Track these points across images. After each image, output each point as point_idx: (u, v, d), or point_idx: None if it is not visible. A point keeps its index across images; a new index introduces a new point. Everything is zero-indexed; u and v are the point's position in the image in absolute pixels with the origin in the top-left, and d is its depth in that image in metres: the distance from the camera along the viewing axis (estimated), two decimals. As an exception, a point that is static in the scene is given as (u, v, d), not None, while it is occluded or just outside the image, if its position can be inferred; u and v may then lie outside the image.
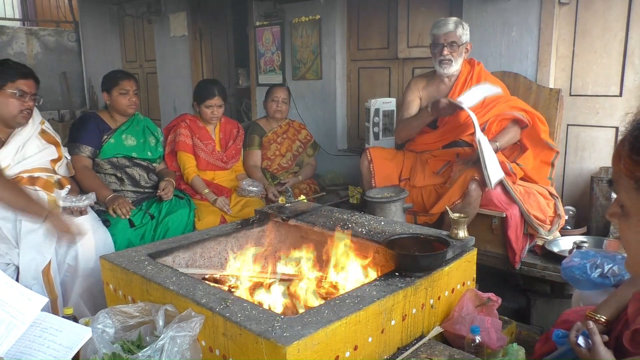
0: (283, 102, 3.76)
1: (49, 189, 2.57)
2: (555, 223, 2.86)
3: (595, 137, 3.20)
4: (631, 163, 0.88)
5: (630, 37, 2.99)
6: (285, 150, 3.80)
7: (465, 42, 2.95)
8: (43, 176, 2.59)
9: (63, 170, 2.78)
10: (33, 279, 2.42)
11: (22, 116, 2.54)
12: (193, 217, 3.06)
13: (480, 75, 3.00)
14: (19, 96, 2.50)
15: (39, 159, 2.62)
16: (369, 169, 3.06)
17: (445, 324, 1.94)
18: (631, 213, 0.92)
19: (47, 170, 2.64)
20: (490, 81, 2.98)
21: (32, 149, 2.62)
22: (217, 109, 3.39)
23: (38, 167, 2.60)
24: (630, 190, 0.90)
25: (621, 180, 0.92)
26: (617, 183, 0.94)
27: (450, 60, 2.93)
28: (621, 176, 0.91)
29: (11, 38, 7.54)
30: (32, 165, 2.58)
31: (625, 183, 0.91)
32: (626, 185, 0.90)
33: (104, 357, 1.51)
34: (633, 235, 0.93)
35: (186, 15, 5.74)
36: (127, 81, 3.08)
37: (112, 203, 2.82)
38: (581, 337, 1.41)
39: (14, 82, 2.49)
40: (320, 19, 4.47)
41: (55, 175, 2.67)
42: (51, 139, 2.75)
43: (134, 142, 3.11)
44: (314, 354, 1.46)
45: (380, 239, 2.11)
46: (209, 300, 1.68)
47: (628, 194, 0.90)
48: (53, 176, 2.65)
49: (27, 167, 2.56)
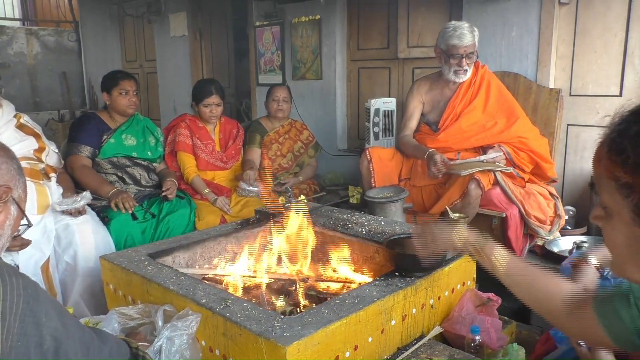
0: (284, 101, 3.75)
1: (36, 177, 2.54)
2: (555, 223, 2.86)
3: (595, 137, 3.11)
4: (610, 164, 0.90)
5: (630, 37, 2.99)
6: (287, 151, 3.80)
7: (477, 48, 2.94)
8: (27, 166, 2.54)
9: (53, 161, 2.75)
10: (32, 276, 2.41)
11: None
12: (194, 217, 3.07)
13: (483, 78, 2.97)
14: None
15: (19, 149, 2.56)
16: (369, 169, 3.06)
17: (445, 324, 1.95)
18: (614, 214, 0.93)
19: (29, 159, 2.60)
20: (494, 83, 2.96)
21: (8, 140, 2.53)
22: (216, 108, 3.39)
23: (20, 157, 2.57)
24: (612, 191, 0.91)
25: (602, 182, 0.93)
26: (598, 185, 0.95)
27: (466, 70, 2.93)
28: (602, 178, 0.93)
29: (11, 38, 7.54)
30: None
31: (606, 184, 0.92)
32: (607, 187, 0.92)
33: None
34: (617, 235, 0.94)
35: (186, 15, 5.74)
36: (127, 81, 3.08)
37: (115, 197, 2.82)
38: None
39: None
40: (320, 19, 4.47)
41: (39, 164, 2.64)
42: (30, 131, 2.70)
43: (134, 142, 3.11)
44: (314, 354, 1.46)
45: (380, 239, 2.11)
46: (209, 300, 1.68)
47: (610, 195, 0.92)
48: (38, 164, 2.62)
49: None
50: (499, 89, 3.00)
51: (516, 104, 2.99)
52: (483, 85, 2.97)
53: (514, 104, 2.98)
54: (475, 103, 2.96)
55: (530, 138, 2.89)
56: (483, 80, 2.98)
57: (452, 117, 2.99)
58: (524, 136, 2.88)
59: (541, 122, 3.14)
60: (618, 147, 0.88)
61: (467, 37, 2.86)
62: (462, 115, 2.97)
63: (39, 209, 2.49)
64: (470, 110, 2.95)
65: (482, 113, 2.95)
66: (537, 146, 2.89)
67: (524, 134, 2.89)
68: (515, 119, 2.90)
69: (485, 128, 2.91)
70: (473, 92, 2.98)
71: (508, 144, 2.88)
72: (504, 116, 2.92)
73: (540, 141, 2.94)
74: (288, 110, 3.82)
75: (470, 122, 2.94)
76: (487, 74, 3.02)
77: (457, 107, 2.99)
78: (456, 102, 2.99)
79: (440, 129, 3.04)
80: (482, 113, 2.95)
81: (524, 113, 2.99)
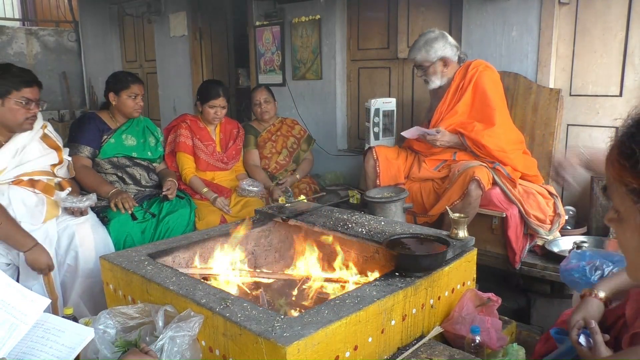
0: (265, 102, 3.76)
1: (49, 192, 2.57)
2: (555, 222, 2.86)
3: (595, 137, 3.20)
4: (620, 168, 0.89)
5: (630, 37, 2.99)
6: (281, 147, 3.80)
7: (435, 60, 2.98)
8: (43, 179, 2.58)
9: (63, 172, 2.77)
10: (33, 279, 2.42)
11: (28, 123, 2.52)
12: (194, 217, 3.07)
13: (470, 80, 2.94)
14: (25, 104, 2.47)
15: (40, 163, 2.61)
16: (375, 168, 3.06)
17: (445, 324, 1.95)
18: (625, 218, 0.92)
19: (47, 174, 2.63)
20: (486, 81, 2.92)
21: (33, 153, 2.59)
22: (221, 110, 3.41)
23: (39, 171, 2.59)
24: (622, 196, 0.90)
25: (613, 186, 0.92)
26: (610, 189, 0.95)
27: (426, 80, 3.07)
28: (613, 182, 0.92)
29: (11, 38, 7.54)
30: (32, 168, 2.56)
31: (617, 188, 0.91)
32: (618, 191, 0.91)
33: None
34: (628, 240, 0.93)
35: (186, 15, 5.74)
36: (138, 85, 3.08)
37: (115, 197, 2.82)
38: (582, 336, 1.41)
39: (19, 90, 2.45)
40: (320, 19, 4.47)
41: (55, 178, 2.67)
42: (53, 144, 2.72)
43: (134, 142, 3.11)
44: (314, 354, 1.46)
45: (380, 239, 2.11)
46: (209, 300, 1.68)
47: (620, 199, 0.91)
48: (53, 179, 2.65)
49: (26, 170, 2.54)
50: (484, 92, 2.91)
51: (498, 111, 2.89)
52: (469, 89, 2.95)
53: (495, 111, 2.88)
54: (457, 107, 2.97)
55: (492, 148, 2.80)
56: (470, 82, 2.95)
57: (438, 121, 3.02)
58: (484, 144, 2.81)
59: (541, 122, 3.14)
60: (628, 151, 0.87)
61: (412, 52, 3.06)
62: (444, 119, 2.99)
63: (45, 219, 2.50)
64: (452, 115, 2.97)
65: (465, 118, 2.96)
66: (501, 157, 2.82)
67: (487, 142, 2.81)
68: (490, 125, 2.86)
69: (462, 125, 2.91)
70: (459, 96, 2.99)
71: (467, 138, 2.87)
72: (482, 121, 2.89)
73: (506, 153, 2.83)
74: (273, 110, 3.83)
75: (449, 124, 2.96)
76: (479, 74, 2.94)
77: (443, 112, 3.03)
78: (443, 107, 3.03)
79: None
80: (465, 118, 2.96)
81: (505, 121, 2.92)
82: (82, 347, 1.41)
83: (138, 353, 1.43)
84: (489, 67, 3.01)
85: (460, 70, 3.02)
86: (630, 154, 0.86)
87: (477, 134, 2.85)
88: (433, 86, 3.07)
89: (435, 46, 2.98)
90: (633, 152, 0.86)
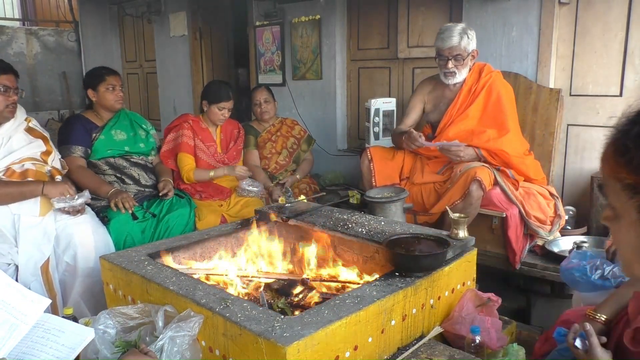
0: (265, 102, 3.77)
1: (42, 179, 2.56)
2: (555, 223, 2.86)
3: (595, 137, 3.20)
4: (615, 165, 0.90)
5: (630, 37, 2.99)
6: (281, 148, 3.80)
7: (471, 51, 2.89)
8: (32, 167, 2.57)
9: (58, 166, 2.76)
10: (32, 276, 2.43)
11: (8, 111, 2.54)
12: (194, 217, 3.06)
13: (484, 85, 2.91)
14: (3, 92, 2.49)
15: (27, 150, 2.61)
16: (370, 169, 3.06)
17: (445, 324, 1.94)
18: (621, 215, 0.92)
19: (35, 160, 2.62)
20: (495, 92, 2.89)
21: (18, 142, 2.60)
22: (228, 112, 3.42)
23: (27, 157, 2.59)
24: (618, 193, 0.91)
25: (609, 183, 0.93)
26: (606, 186, 0.95)
27: (454, 73, 2.91)
28: (609, 179, 0.92)
29: (11, 38, 7.53)
30: (20, 155, 2.57)
31: (612, 185, 0.92)
32: (614, 188, 0.92)
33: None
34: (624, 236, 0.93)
35: (186, 15, 5.74)
36: (114, 77, 3.06)
37: (114, 197, 2.81)
38: (578, 339, 1.41)
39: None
40: (320, 19, 4.47)
41: (46, 166, 2.65)
42: (38, 134, 2.73)
43: (125, 136, 3.10)
44: (314, 354, 1.46)
45: (380, 239, 2.11)
46: (208, 300, 1.68)
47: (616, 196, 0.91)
48: (44, 166, 2.63)
49: (14, 159, 2.54)
50: (498, 98, 2.90)
51: (510, 117, 2.89)
52: (482, 93, 2.90)
53: (508, 117, 2.88)
54: (469, 111, 2.92)
55: (511, 154, 2.80)
56: (484, 87, 2.91)
57: (448, 124, 2.98)
58: (506, 150, 2.80)
59: (541, 122, 3.14)
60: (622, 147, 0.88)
61: (451, 40, 2.83)
62: (454, 123, 2.94)
63: (41, 211, 2.50)
64: (463, 118, 2.92)
65: (475, 122, 2.91)
66: (518, 163, 2.82)
67: (507, 149, 2.80)
68: (506, 132, 2.84)
69: (474, 134, 2.87)
70: (471, 99, 2.93)
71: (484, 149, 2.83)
72: (495, 127, 2.86)
73: (522, 159, 2.85)
74: (273, 110, 3.83)
75: (459, 129, 2.91)
76: (493, 80, 2.92)
77: (453, 114, 2.96)
78: (454, 109, 2.96)
79: (435, 136, 3.03)
80: (475, 122, 2.91)
81: (517, 128, 2.93)
82: (82, 348, 1.42)
83: (137, 353, 1.43)
84: (500, 74, 2.99)
85: (472, 72, 2.96)
86: (625, 151, 0.88)
87: (495, 142, 2.80)
88: (455, 81, 2.94)
89: (471, 35, 2.88)
90: (628, 148, 0.87)
